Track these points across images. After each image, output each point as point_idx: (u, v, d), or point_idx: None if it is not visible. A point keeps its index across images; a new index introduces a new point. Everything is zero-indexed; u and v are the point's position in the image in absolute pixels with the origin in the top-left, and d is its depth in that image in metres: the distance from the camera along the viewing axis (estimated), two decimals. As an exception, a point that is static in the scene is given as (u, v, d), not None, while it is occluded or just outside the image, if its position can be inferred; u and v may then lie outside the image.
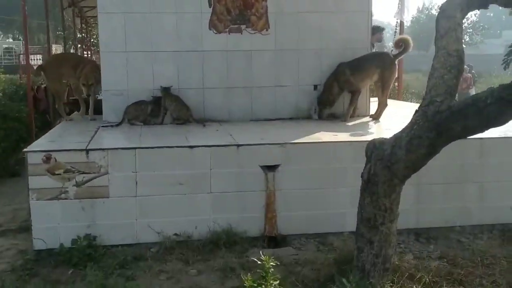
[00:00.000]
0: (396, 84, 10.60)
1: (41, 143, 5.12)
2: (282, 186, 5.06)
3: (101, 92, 6.81)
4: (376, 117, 6.84)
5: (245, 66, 6.73)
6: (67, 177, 4.74)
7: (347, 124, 6.55)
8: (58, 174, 4.72)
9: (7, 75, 17.14)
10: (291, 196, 5.09)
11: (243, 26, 6.69)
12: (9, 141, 8.43)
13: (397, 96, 10.61)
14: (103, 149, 4.79)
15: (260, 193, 5.04)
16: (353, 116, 6.89)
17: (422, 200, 5.27)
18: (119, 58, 6.43)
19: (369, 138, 5.38)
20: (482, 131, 3.48)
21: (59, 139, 5.43)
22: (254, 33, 6.73)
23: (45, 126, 9.17)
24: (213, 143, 5.06)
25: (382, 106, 6.81)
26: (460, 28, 3.87)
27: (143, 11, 6.42)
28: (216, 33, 6.64)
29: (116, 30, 6.39)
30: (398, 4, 9.65)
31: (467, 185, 5.35)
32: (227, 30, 6.66)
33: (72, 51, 17.37)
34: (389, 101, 7.36)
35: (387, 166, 3.74)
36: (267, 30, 6.74)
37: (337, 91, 6.74)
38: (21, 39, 42.35)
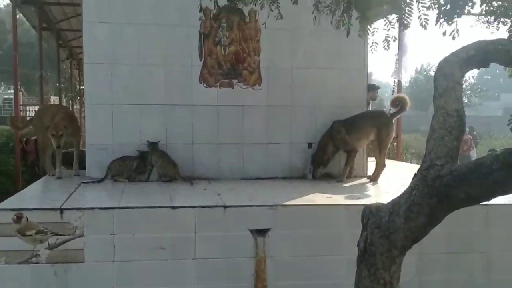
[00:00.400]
0: (395, 144, 10.40)
1: (13, 200, 4.78)
2: (273, 252, 4.68)
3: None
4: (374, 178, 6.55)
5: (236, 121, 6.51)
6: (39, 238, 4.37)
7: (343, 185, 6.24)
8: (29, 236, 4.35)
9: (4, 126, 16.99)
10: (283, 263, 4.71)
11: (234, 81, 6.52)
12: (-8, 195, 8.09)
13: (396, 157, 10.37)
14: (78, 209, 4.45)
15: (249, 260, 4.66)
16: (350, 177, 6.61)
17: (425, 272, 4.88)
18: (104, 111, 6.21)
19: (366, 201, 5.07)
20: (488, 199, 3.16)
21: (35, 196, 5.09)
22: (246, 88, 6.55)
23: (33, 180, 8.82)
24: (199, 203, 4.72)
25: (380, 167, 6.53)
26: (459, 87, 3.63)
27: (130, 63, 6.25)
28: (206, 87, 6.45)
29: (102, 81, 6.20)
30: (395, 63, 9.57)
31: (473, 256, 4.98)
32: (218, 84, 6.48)
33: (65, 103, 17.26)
34: (388, 162, 7.12)
35: (385, 235, 3.40)
36: (259, 85, 6.57)
37: (332, 150, 6.48)
38: (22, 90, 42.70)
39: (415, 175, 3.38)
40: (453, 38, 3.50)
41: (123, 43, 6.27)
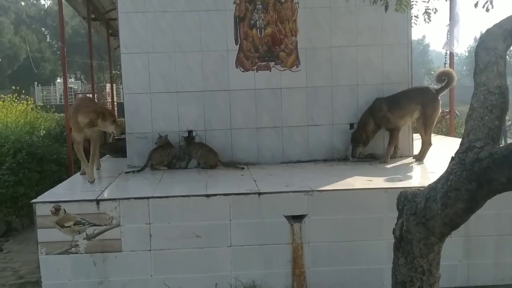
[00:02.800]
0: (448, 117, 9.94)
1: (53, 193, 4.89)
2: (310, 238, 4.57)
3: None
4: (419, 158, 6.26)
5: (274, 105, 6.38)
6: (77, 229, 4.46)
7: (387, 166, 5.99)
8: (67, 227, 4.45)
9: (62, 114, 17.60)
10: (320, 249, 4.60)
11: (271, 63, 6.37)
12: (45, 184, 8.36)
13: (450, 132, 9.90)
14: (114, 199, 4.49)
15: (286, 246, 4.57)
16: (394, 157, 6.35)
17: (472, 255, 4.65)
18: (142, 99, 6.23)
19: (407, 184, 4.87)
20: (531, 184, 2.90)
21: (74, 187, 5.19)
22: (284, 70, 6.39)
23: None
24: (233, 191, 4.66)
25: (426, 146, 6.23)
26: (502, 61, 3.34)
27: (167, 50, 6.22)
28: (243, 71, 6.34)
29: (140, 70, 6.22)
30: (447, 34, 9.07)
31: (525, 237, 4.67)
32: (255, 67, 6.35)
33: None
34: (440, 138, 6.77)
35: (422, 222, 3.21)
36: (297, 67, 6.39)
37: (373, 128, 6.23)
38: (82, 78, 44.30)
39: (452, 158, 3.17)
40: (487, 10, 3.23)
41: (159, 31, 6.25)
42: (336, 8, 6.31)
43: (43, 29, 45.13)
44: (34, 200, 4.52)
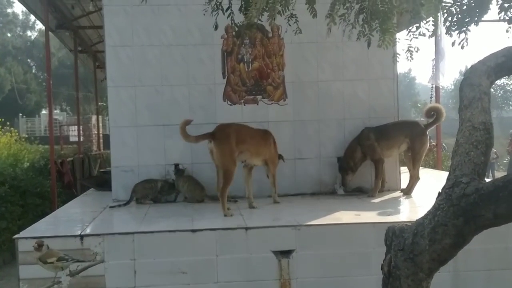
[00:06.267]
0: (435, 150, 10.03)
1: (36, 228, 4.79)
2: (298, 274, 4.51)
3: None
4: (407, 191, 6.27)
5: (262, 138, 6.35)
6: (60, 266, 4.32)
7: (374, 200, 5.98)
8: (50, 263, 4.30)
9: (46, 146, 17.42)
10: (308, 285, 4.53)
11: (259, 97, 6.42)
12: (28, 218, 8.21)
13: (437, 165, 9.96)
14: (98, 235, 4.41)
15: (273, 282, 4.50)
16: (382, 191, 6.35)
17: (462, 290, 4.60)
18: (128, 133, 6.21)
19: (395, 218, 4.87)
20: (518, 219, 2.91)
21: (58, 222, 5.10)
22: (271, 103, 6.44)
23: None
24: (219, 225, 4.60)
25: (413, 179, 6.25)
26: (486, 97, 3.39)
27: (154, 84, 6.24)
28: (230, 105, 6.38)
29: (126, 103, 6.23)
30: (433, 68, 9.23)
31: (513, 272, 4.65)
32: (242, 101, 6.40)
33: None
34: (427, 171, 6.79)
35: (410, 258, 3.18)
36: (284, 100, 6.44)
37: (360, 157, 6.25)
38: (67, 110, 44.11)
39: (439, 193, 3.17)
40: (462, 47, 3.30)
41: (146, 65, 6.28)
42: (322, 43, 6.39)
43: (29, 60, 45.11)
44: (16, 236, 4.43)
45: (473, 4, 3.25)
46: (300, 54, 6.48)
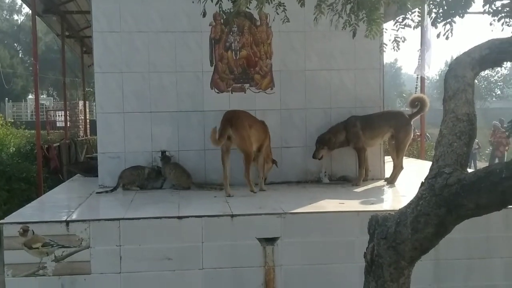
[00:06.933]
0: (419, 140, 10.12)
1: (21, 213, 4.78)
2: (283, 261, 4.57)
3: None
4: (391, 181, 6.35)
5: (249, 126, 6.37)
6: (45, 251, 4.35)
7: (358, 189, 6.04)
8: (35, 248, 4.33)
9: (32, 131, 17.27)
10: (293, 272, 4.59)
11: (246, 85, 6.42)
12: (13, 203, 8.17)
13: (421, 155, 10.06)
14: (84, 221, 4.42)
15: (258, 269, 4.55)
16: (366, 180, 6.41)
17: (442, 279, 4.69)
18: (115, 119, 6.18)
19: (379, 207, 4.92)
20: (499, 208, 2.98)
21: (44, 208, 5.09)
22: (258, 92, 6.44)
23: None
24: (205, 212, 4.63)
25: (397, 169, 6.33)
26: (470, 89, 3.43)
27: (141, 70, 6.21)
28: (218, 93, 6.38)
29: (113, 90, 6.19)
30: (419, 59, 9.29)
31: (493, 261, 4.75)
32: (230, 89, 6.40)
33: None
34: (411, 161, 6.87)
35: (392, 246, 3.24)
36: (272, 89, 6.46)
37: (342, 140, 6.28)
38: (54, 95, 43.66)
39: (422, 183, 3.22)
40: (447, 38, 3.34)
41: (134, 51, 6.24)
42: (310, 32, 6.41)
43: (15, 44, 44.52)
44: (1, 221, 4.42)
45: (458, -4, 3.29)
46: (288, 43, 6.48)
